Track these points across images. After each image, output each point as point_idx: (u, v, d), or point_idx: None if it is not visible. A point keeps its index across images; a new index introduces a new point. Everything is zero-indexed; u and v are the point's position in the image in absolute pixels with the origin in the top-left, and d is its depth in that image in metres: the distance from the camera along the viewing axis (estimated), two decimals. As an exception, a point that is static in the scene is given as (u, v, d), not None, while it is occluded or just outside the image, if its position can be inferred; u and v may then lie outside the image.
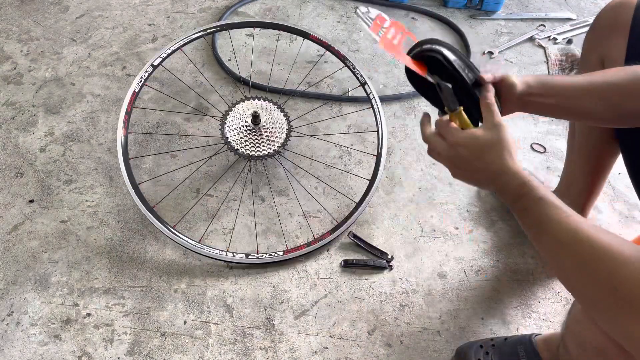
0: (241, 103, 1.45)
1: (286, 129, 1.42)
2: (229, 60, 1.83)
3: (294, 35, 1.92)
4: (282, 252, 1.27)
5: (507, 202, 0.74)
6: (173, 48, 1.43)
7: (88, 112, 1.64)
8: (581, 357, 0.80)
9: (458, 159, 0.77)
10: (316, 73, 1.80)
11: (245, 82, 1.72)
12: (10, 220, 1.35)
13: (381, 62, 1.87)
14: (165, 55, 1.43)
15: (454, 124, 0.79)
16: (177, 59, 1.81)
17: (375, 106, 1.45)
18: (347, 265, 1.28)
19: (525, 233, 0.72)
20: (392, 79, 1.81)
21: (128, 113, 1.35)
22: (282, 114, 1.44)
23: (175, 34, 1.93)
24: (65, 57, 1.82)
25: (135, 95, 1.38)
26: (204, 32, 1.47)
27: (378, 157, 1.41)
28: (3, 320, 1.16)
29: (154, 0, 2.09)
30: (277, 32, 1.94)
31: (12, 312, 1.18)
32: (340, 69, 1.65)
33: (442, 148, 0.79)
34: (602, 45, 1.01)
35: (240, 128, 1.40)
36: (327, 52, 1.53)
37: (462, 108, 0.80)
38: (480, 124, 0.81)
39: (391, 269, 1.29)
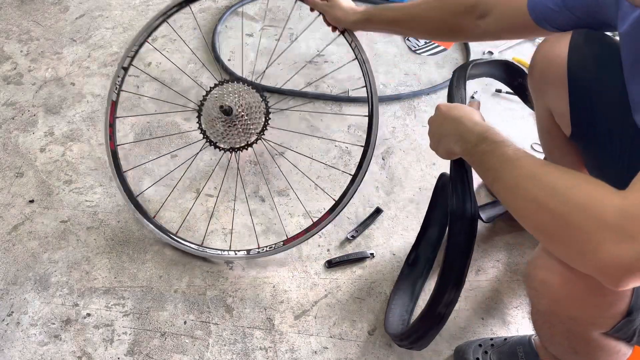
0: (212, 91, 1.29)
1: (264, 112, 1.27)
2: (229, 60, 1.84)
3: (294, 35, 1.92)
4: (282, 243, 1.25)
5: (467, 147, 0.79)
6: (138, 44, 1.35)
7: (88, 112, 1.64)
8: (536, 302, 0.81)
9: (437, 115, 0.89)
10: (316, 73, 1.80)
11: (245, 82, 1.71)
12: (10, 220, 1.35)
13: (381, 62, 1.87)
14: (133, 54, 1.34)
15: None
16: (177, 59, 1.81)
17: (359, 56, 1.30)
18: (331, 265, 1.28)
19: (482, 176, 0.77)
20: (392, 79, 1.81)
21: (112, 125, 1.28)
22: (258, 94, 1.28)
23: (175, 34, 1.93)
24: (65, 57, 1.82)
25: (114, 105, 1.30)
26: (165, 16, 1.36)
27: (370, 117, 1.25)
28: (3, 320, 1.16)
29: (154, 0, 2.09)
30: (276, 31, 1.94)
31: (12, 312, 1.18)
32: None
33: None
34: (543, 97, 1.03)
35: (213, 120, 1.27)
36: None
37: None
38: None
39: (373, 257, 1.30)
